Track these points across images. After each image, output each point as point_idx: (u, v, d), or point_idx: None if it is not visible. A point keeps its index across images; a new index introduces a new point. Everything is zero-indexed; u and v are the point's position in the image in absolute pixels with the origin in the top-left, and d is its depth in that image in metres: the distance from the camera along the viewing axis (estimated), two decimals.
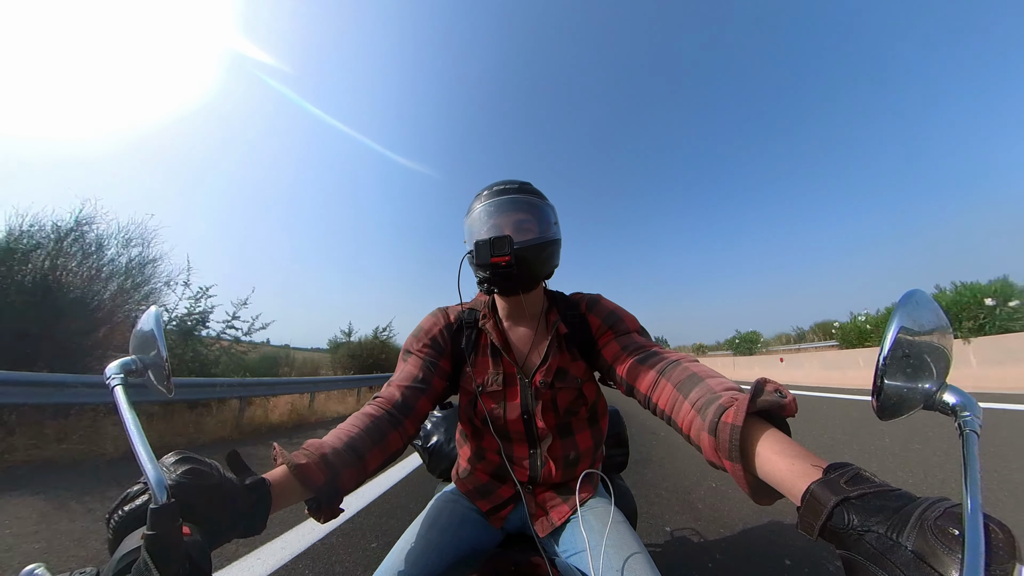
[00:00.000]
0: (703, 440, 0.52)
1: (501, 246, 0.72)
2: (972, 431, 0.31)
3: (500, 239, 0.72)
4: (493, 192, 0.82)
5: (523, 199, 0.81)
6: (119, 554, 0.35)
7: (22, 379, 3.15)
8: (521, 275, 0.76)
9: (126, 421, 0.40)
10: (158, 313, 0.50)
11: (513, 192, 0.81)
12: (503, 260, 0.72)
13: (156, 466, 0.37)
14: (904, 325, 0.35)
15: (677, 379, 0.61)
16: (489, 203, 0.80)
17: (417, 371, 0.77)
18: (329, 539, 1.89)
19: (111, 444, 3.46)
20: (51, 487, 2.60)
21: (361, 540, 1.90)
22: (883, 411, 0.36)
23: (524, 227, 0.79)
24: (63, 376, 3.40)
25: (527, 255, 0.76)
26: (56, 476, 2.85)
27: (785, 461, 0.42)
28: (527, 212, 0.81)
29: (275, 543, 1.83)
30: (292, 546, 1.81)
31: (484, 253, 0.72)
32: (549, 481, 0.80)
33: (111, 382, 0.44)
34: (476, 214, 0.81)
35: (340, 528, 2.01)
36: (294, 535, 1.91)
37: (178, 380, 4.60)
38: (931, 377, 0.35)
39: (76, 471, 2.99)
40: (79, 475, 2.91)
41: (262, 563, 1.66)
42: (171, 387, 0.49)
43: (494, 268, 0.73)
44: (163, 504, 0.35)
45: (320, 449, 0.57)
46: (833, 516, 0.34)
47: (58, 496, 2.44)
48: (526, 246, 0.76)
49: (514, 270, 0.74)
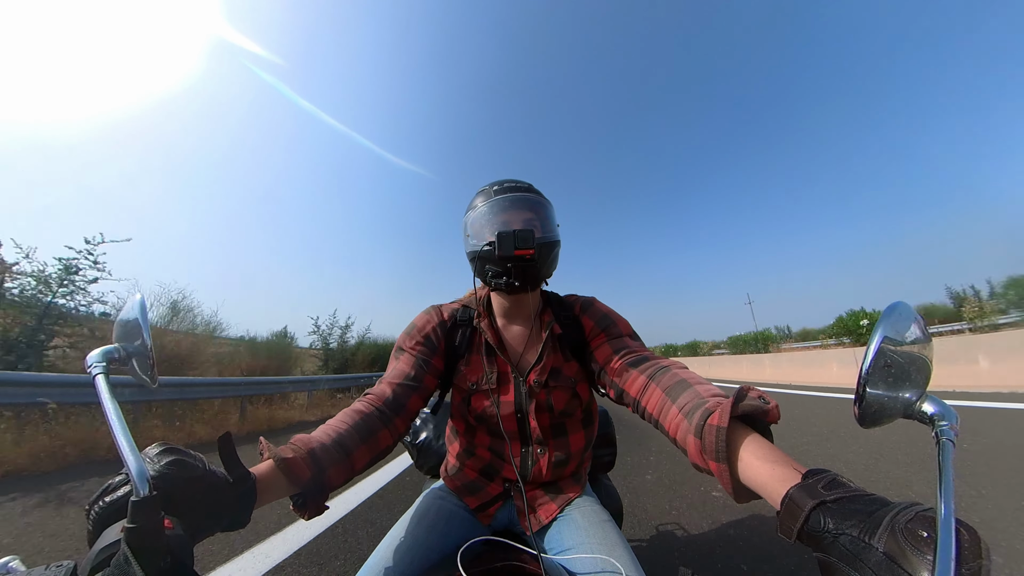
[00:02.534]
0: (689, 443, 0.53)
1: (526, 239, 0.71)
2: (948, 440, 0.33)
3: (524, 232, 0.71)
4: (504, 188, 0.81)
5: (532, 198, 0.81)
6: (98, 547, 0.34)
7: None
8: (536, 270, 0.77)
9: (107, 411, 0.39)
10: (143, 301, 0.49)
11: (523, 191, 0.81)
12: (528, 253, 0.72)
13: (138, 457, 0.37)
14: (887, 335, 0.36)
15: (666, 384, 0.62)
16: (500, 199, 0.80)
17: (409, 369, 0.77)
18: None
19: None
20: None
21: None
22: (864, 419, 0.37)
23: (533, 225, 0.79)
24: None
25: (542, 251, 0.76)
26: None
27: (766, 466, 0.43)
28: (535, 211, 0.81)
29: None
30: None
31: (508, 245, 0.71)
32: (539, 480, 0.80)
33: (92, 370, 0.43)
34: (483, 209, 0.80)
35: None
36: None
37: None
38: (911, 387, 0.36)
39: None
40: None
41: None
42: (155, 377, 0.48)
43: (517, 260, 0.73)
44: (144, 496, 0.34)
45: (308, 444, 0.57)
46: (810, 519, 0.35)
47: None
48: (541, 243, 0.76)
49: (536, 264, 0.74)
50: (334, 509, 2.17)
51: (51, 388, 3.33)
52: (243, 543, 1.76)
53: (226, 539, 1.78)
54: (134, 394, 3.86)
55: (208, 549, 1.68)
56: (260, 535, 1.85)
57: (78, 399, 3.45)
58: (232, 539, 1.79)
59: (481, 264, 0.78)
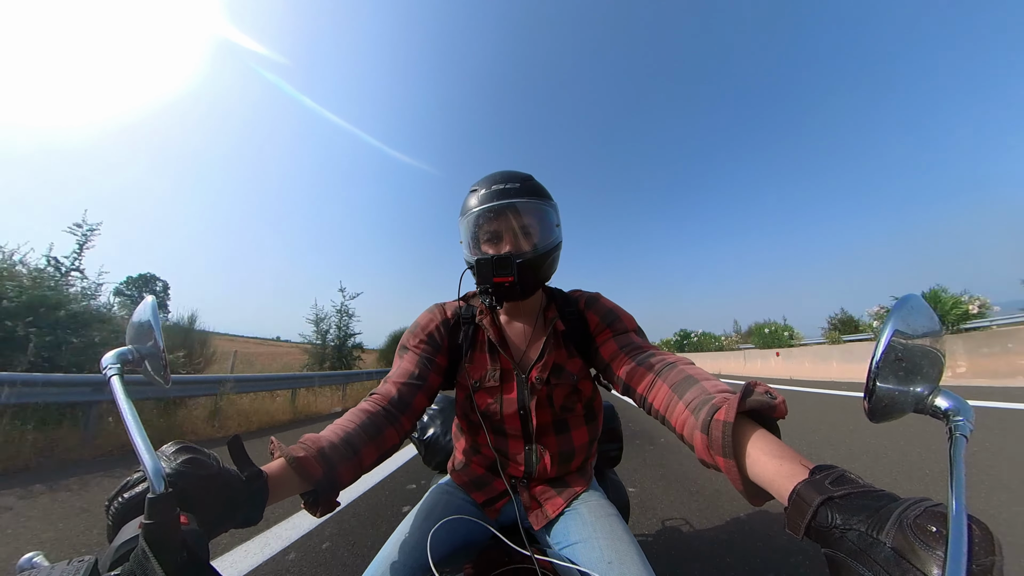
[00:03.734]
0: (696, 439, 0.52)
1: (504, 266, 0.70)
2: (962, 435, 0.32)
3: (503, 259, 0.70)
4: (492, 193, 0.76)
5: (525, 203, 0.76)
6: (117, 542, 0.35)
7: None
8: (523, 287, 0.75)
9: (123, 411, 0.40)
10: (154, 303, 0.50)
11: (514, 194, 0.75)
12: (506, 281, 0.71)
13: (154, 455, 0.38)
14: (899, 329, 0.35)
15: (673, 380, 0.62)
16: (488, 207, 0.75)
17: (413, 367, 0.77)
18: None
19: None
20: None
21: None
22: (874, 414, 0.37)
23: (527, 233, 0.76)
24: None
25: (530, 266, 0.74)
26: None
27: (773, 462, 0.43)
28: (529, 217, 0.77)
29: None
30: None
31: (486, 273, 0.71)
32: (544, 476, 0.80)
33: (108, 372, 0.44)
34: (472, 216, 0.77)
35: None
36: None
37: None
38: (923, 381, 0.35)
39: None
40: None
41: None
42: (168, 378, 0.49)
43: (497, 286, 0.72)
44: (161, 493, 0.35)
45: (317, 443, 0.58)
46: (817, 515, 0.35)
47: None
48: (528, 258, 0.74)
49: (517, 288, 0.73)
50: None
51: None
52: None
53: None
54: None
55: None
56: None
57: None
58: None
59: (472, 275, 0.78)
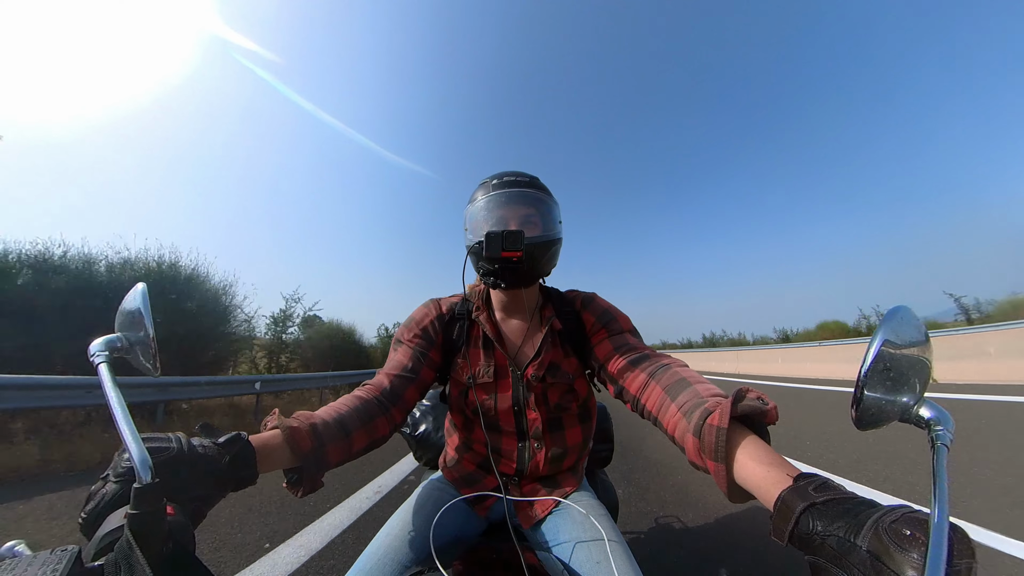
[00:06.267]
0: (687, 442, 0.53)
1: (513, 241, 0.71)
2: (943, 445, 0.33)
3: (513, 233, 0.71)
4: (503, 183, 0.79)
5: (532, 194, 0.79)
6: (101, 532, 0.35)
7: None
8: (529, 268, 0.76)
9: (110, 399, 0.39)
10: (145, 290, 0.49)
11: (523, 186, 0.79)
12: (514, 255, 0.71)
13: (140, 445, 0.37)
14: (887, 339, 0.36)
15: (666, 383, 0.62)
16: (498, 194, 0.78)
17: (407, 361, 0.77)
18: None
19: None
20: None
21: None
22: (861, 422, 0.37)
23: (531, 222, 0.78)
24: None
25: (535, 252, 0.75)
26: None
27: (761, 468, 0.43)
28: (535, 208, 0.79)
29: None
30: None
31: (495, 246, 0.71)
32: (536, 474, 0.81)
33: (95, 359, 0.43)
34: (481, 203, 0.79)
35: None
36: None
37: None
38: (909, 391, 0.36)
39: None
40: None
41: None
42: (157, 367, 0.48)
43: (504, 262, 0.73)
44: (147, 483, 0.34)
45: (310, 419, 0.58)
46: (800, 522, 0.36)
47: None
48: (534, 243, 0.75)
49: (524, 266, 0.74)
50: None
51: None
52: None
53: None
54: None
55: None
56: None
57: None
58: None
59: (475, 260, 0.79)
